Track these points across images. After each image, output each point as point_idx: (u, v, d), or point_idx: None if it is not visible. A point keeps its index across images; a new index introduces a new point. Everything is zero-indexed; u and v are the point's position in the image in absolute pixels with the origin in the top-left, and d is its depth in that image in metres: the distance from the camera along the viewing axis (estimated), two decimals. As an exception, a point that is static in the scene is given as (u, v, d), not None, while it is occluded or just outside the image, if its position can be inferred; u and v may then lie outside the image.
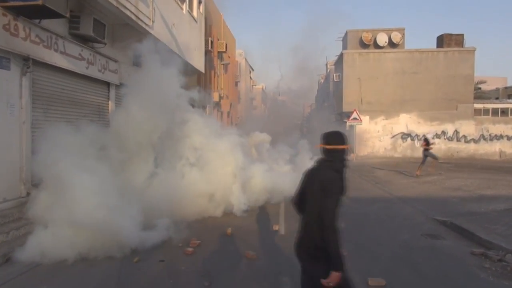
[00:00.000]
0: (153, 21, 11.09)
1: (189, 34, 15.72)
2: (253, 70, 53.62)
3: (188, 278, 5.13)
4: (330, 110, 38.28)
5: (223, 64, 28.16)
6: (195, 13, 16.74)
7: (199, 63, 17.36)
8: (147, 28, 10.57)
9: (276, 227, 7.76)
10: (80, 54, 8.94)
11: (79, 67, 8.93)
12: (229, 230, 7.26)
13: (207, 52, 22.64)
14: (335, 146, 3.09)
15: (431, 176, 16.80)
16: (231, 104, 30.86)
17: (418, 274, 5.47)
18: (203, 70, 18.29)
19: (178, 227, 6.86)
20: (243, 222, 8.19)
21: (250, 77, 51.68)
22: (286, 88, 62.71)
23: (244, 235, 7.32)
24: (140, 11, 10.03)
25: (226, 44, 27.53)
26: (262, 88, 65.57)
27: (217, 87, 26.85)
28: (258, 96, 62.14)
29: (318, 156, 3.25)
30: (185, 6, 14.93)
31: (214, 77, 26.14)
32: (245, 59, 44.89)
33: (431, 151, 17.49)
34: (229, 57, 31.87)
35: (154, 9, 11.20)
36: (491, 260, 6.04)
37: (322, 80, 53.89)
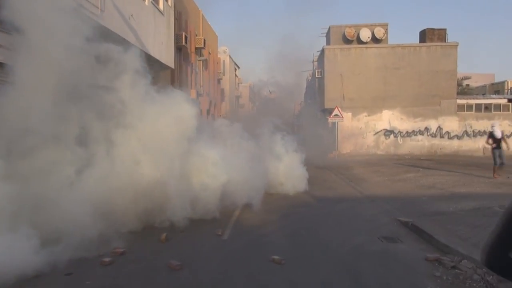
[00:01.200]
0: (101, 10, 10.35)
1: (154, 27, 14.97)
2: (238, 67, 52.85)
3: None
4: (316, 107, 37.68)
5: (201, 61, 27.36)
6: (161, 6, 15.99)
7: (167, 58, 16.61)
8: (93, 17, 9.81)
9: (219, 232, 7.08)
10: None
11: None
12: (163, 236, 6.56)
13: (182, 48, 21.92)
14: None
15: (408, 173, 16.25)
16: (210, 101, 30.10)
17: (358, 286, 4.83)
18: (172, 66, 17.53)
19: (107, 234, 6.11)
20: (187, 226, 7.46)
21: (236, 75, 50.91)
22: (274, 86, 62.00)
23: (182, 241, 6.64)
24: (84, -1, 9.29)
25: (204, 40, 26.79)
26: (250, 86, 64.82)
27: (195, 84, 26.09)
28: (245, 94, 61.38)
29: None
30: (147, -2, 14.19)
31: (192, 73, 25.39)
32: (229, 56, 44.10)
33: (498, 149, 13.85)
34: (209, 53, 31.12)
35: (104, -2, 10.47)
36: (445, 267, 5.42)
37: (310, 77, 53.41)
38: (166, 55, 16.65)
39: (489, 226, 7.12)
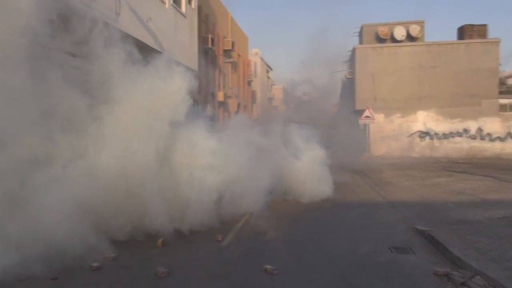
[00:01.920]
0: (117, 14, 10.45)
1: (175, 30, 15.04)
2: (271, 69, 52.60)
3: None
4: (348, 108, 36.76)
5: (229, 63, 27.37)
6: (183, 9, 16.04)
7: (189, 60, 16.65)
8: (107, 20, 9.91)
9: (219, 237, 6.84)
10: None
11: None
12: (160, 241, 6.41)
13: (208, 50, 21.99)
14: None
15: (439, 178, 15.34)
16: (239, 103, 30.02)
17: (349, 302, 4.44)
18: (196, 68, 17.56)
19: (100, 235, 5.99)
20: (188, 230, 7.27)
21: (268, 77, 50.69)
22: (309, 86, 61.16)
23: (179, 246, 6.46)
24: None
25: (232, 42, 26.77)
26: (283, 88, 64.42)
27: (223, 87, 26.12)
28: (278, 96, 61.00)
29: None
30: (168, 1, 14.25)
31: (220, 76, 25.44)
32: (261, 58, 43.97)
33: None
34: (239, 55, 31.12)
35: (120, 1, 10.57)
36: (454, 283, 4.89)
37: (345, 78, 52.24)
38: (189, 58, 16.68)
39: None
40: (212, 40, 21.99)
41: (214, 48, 22.67)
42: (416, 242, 6.93)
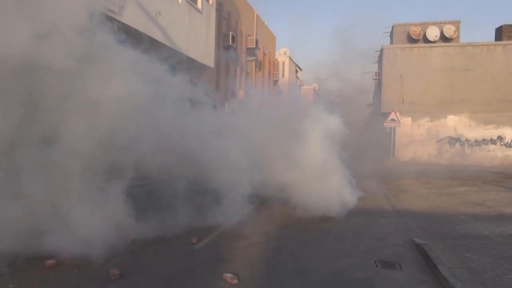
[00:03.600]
0: (121, 7, 10.36)
1: (188, 26, 14.86)
2: (301, 69, 51.84)
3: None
4: (375, 111, 35.54)
5: (252, 61, 27.04)
6: (199, 4, 15.85)
7: (205, 57, 16.46)
8: (111, 14, 9.82)
9: (194, 240, 6.50)
10: None
11: None
12: (130, 239, 6.15)
13: (229, 47, 21.75)
14: None
15: (461, 187, 14.31)
16: (262, 103, 29.58)
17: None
18: (211, 65, 17.35)
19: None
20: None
21: (297, 77, 49.97)
22: (339, 86, 59.89)
23: (148, 246, 6.16)
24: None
25: (257, 40, 26.44)
26: (314, 89, 63.42)
27: (245, 85, 25.82)
28: (308, 97, 60.10)
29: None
30: (181, -5, 14.10)
31: (241, 74, 25.16)
32: (290, 57, 43.35)
33: None
34: (264, 54, 30.76)
35: (125, -5, 10.49)
36: (431, 308, 4.31)
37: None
38: (204, 55, 16.49)
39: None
40: (233, 37, 21.73)
41: (235, 46, 22.41)
42: (408, 256, 6.31)
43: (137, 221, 6.56)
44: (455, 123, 25.01)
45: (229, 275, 4.88)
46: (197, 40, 15.79)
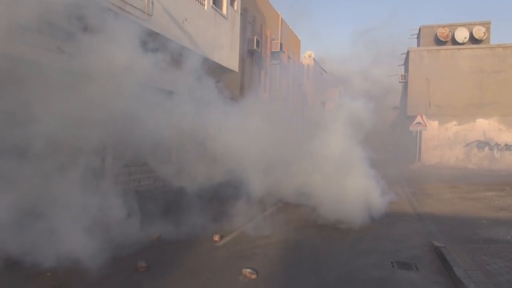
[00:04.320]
0: (149, 15, 10.85)
1: (213, 31, 15.29)
2: (326, 72, 51.65)
3: None
4: (401, 114, 35.05)
5: (277, 65, 27.30)
6: (224, 10, 16.27)
7: (229, 62, 16.84)
8: (139, 21, 10.33)
9: (216, 238, 6.81)
10: None
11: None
12: (156, 236, 6.53)
13: (254, 52, 22.11)
14: None
15: (487, 192, 14.05)
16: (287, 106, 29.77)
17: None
18: (236, 69, 17.72)
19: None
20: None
21: (322, 80, 49.80)
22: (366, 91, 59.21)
23: (174, 242, 6.51)
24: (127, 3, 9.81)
25: (281, 44, 26.70)
26: (340, 92, 62.95)
27: (269, 89, 26.10)
28: (334, 100, 59.75)
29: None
30: (207, 2, 14.53)
31: (266, 78, 25.46)
32: (314, 60, 43.32)
33: None
34: (289, 57, 30.95)
35: (153, 3, 10.98)
36: (442, 306, 4.43)
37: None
38: (229, 59, 16.88)
39: (538, 263, 5.71)
40: (258, 41, 22.07)
41: (260, 50, 22.74)
42: (426, 258, 6.40)
43: (162, 219, 6.98)
44: (484, 127, 24.40)
45: (248, 270, 5.15)
46: (221, 45, 16.20)
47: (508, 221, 8.97)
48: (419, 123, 23.30)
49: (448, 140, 25.04)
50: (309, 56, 42.67)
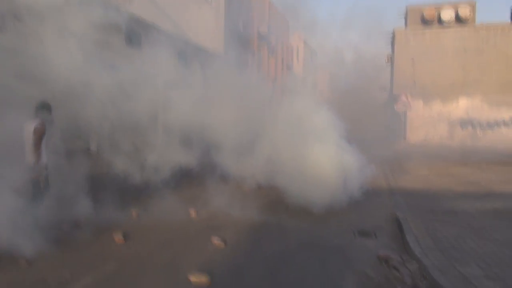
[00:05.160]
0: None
1: (197, 15, 15.48)
2: (316, 54, 51.73)
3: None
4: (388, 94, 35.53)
5: (265, 46, 27.45)
6: (208, -8, 16.44)
7: (214, 45, 17.07)
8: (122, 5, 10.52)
9: (192, 213, 7.28)
10: None
11: None
12: (134, 211, 6.99)
13: (240, 34, 22.25)
14: None
15: (462, 168, 14.65)
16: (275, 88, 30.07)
17: (273, 271, 4.66)
18: (221, 51, 17.96)
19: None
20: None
21: (312, 61, 49.95)
22: (353, 72, 59.36)
23: (154, 215, 6.96)
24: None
25: (268, 26, 26.82)
26: (330, 72, 63.04)
27: (258, 71, 26.33)
28: (323, 81, 59.93)
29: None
30: (189, -15, 14.71)
31: (253, 59, 25.65)
32: (304, 42, 43.40)
33: None
34: (277, 39, 31.06)
35: (133, -12, 11.14)
36: (388, 266, 4.93)
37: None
38: (214, 42, 17.09)
39: (486, 229, 6.23)
40: (244, 23, 22.21)
41: (246, 32, 22.89)
42: (387, 228, 6.91)
43: (140, 199, 7.41)
44: (467, 105, 24.96)
45: (216, 239, 5.62)
46: (205, 27, 16.41)
47: (474, 194, 9.50)
48: (403, 103, 23.76)
49: (433, 119, 25.60)
50: (299, 38, 42.74)
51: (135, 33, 10.66)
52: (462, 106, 24.98)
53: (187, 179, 9.63)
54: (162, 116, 7.81)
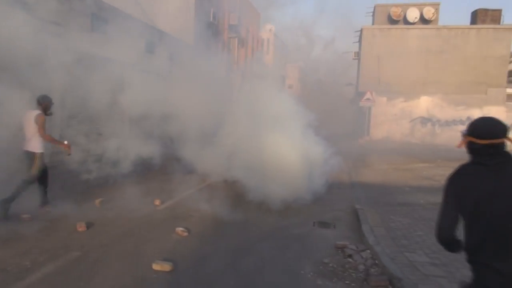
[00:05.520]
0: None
1: (166, 2, 15.29)
2: (287, 46, 52.08)
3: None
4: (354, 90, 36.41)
5: (235, 38, 27.41)
6: (177, -19, 16.24)
7: (183, 34, 16.91)
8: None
9: (157, 202, 7.33)
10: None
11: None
12: (98, 201, 6.96)
13: (210, 25, 22.11)
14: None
15: (419, 164, 15.39)
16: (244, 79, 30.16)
17: (236, 260, 4.84)
18: (190, 42, 17.81)
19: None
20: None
21: (283, 54, 50.29)
22: (322, 67, 60.35)
23: (116, 206, 6.96)
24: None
25: (239, 17, 26.75)
26: (300, 66, 63.69)
27: (227, 62, 26.27)
28: (294, 75, 60.46)
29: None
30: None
31: (223, 51, 25.57)
32: (274, 34, 43.57)
33: None
34: (247, 31, 31.06)
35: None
36: (344, 254, 5.22)
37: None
38: (183, 31, 16.94)
39: (435, 220, 6.67)
40: (214, 14, 22.08)
41: (216, 23, 22.77)
42: (345, 219, 7.25)
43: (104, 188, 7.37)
44: (428, 104, 26.04)
45: (181, 228, 5.73)
46: (175, 16, 16.23)
47: (428, 188, 10.07)
48: (368, 99, 24.49)
49: (395, 116, 26.53)
50: (270, 30, 42.85)
51: (101, 18, 10.43)
52: (422, 104, 26.03)
53: (151, 171, 9.61)
54: (124, 104, 7.72)
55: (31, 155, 6.07)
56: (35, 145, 6.08)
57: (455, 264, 4.61)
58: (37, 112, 6.06)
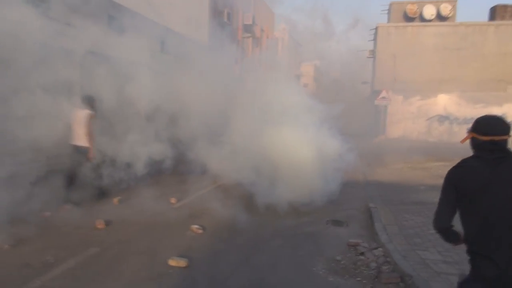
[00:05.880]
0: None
1: (181, 3, 15.51)
2: (301, 46, 52.00)
3: None
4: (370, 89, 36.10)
5: (249, 38, 27.54)
6: (192, -17, 16.45)
7: (197, 35, 17.12)
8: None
9: (173, 200, 7.50)
10: None
11: None
12: (116, 200, 7.17)
13: (224, 25, 22.28)
14: None
15: (436, 162, 15.23)
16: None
17: (247, 261, 4.95)
18: (205, 41, 18.01)
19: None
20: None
21: (297, 53, 50.23)
22: (337, 66, 59.90)
23: (133, 204, 7.14)
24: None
25: (253, 17, 26.87)
26: (315, 65, 63.42)
27: (241, 61, 26.42)
28: (309, 74, 60.24)
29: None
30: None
31: (237, 50, 25.72)
32: (289, 34, 43.58)
33: None
34: (262, 30, 31.15)
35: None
36: (356, 252, 5.28)
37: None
38: (197, 32, 17.15)
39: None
40: (229, 14, 22.25)
41: (230, 23, 22.93)
42: (359, 217, 7.29)
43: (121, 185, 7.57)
44: (445, 102, 25.65)
45: (195, 226, 5.87)
46: (188, 18, 16.44)
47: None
48: (384, 97, 24.29)
49: (412, 114, 26.23)
50: (283, 29, 42.90)
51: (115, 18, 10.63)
52: (440, 102, 25.66)
53: (164, 173, 9.72)
54: (140, 105, 7.87)
55: (81, 149, 6.76)
56: (86, 140, 6.77)
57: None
58: (87, 111, 6.78)
